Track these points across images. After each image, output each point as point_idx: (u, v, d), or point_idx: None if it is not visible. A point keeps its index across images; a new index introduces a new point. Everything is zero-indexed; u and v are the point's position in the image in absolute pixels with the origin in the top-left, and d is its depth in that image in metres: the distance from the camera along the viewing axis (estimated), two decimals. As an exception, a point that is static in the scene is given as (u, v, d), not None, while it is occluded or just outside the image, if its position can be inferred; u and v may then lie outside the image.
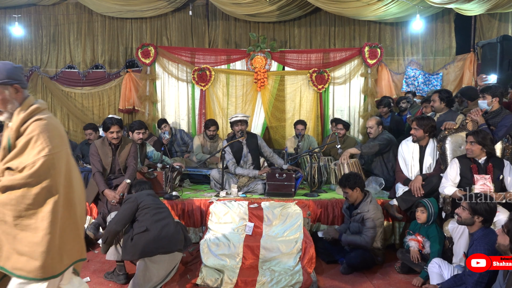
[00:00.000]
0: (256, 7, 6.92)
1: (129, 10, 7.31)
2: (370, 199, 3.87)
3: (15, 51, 7.77)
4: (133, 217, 3.29)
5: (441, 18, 7.39)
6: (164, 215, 3.34)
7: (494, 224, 3.32)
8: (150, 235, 3.14)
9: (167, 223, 3.28)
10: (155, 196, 3.58)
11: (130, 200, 3.37)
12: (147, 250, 3.10)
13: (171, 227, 3.26)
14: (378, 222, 3.80)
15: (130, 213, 3.28)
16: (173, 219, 3.43)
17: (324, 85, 6.94)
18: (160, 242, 3.13)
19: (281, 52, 7.12)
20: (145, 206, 3.29)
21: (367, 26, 7.56)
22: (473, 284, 2.68)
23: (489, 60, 6.32)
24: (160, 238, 3.15)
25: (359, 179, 3.88)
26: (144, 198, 3.38)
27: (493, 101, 3.96)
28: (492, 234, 2.82)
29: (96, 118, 7.47)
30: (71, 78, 7.69)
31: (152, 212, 3.27)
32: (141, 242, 3.12)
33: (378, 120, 5.07)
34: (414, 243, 3.63)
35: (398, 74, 7.38)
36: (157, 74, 7.09)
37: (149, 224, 3.18)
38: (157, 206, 3.36)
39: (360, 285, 3.48)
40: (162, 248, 3.13)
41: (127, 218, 3.28)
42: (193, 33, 7.72)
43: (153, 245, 3.11)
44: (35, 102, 2.04)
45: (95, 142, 4.37)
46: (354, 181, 3.84)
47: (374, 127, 4.99)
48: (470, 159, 3.63)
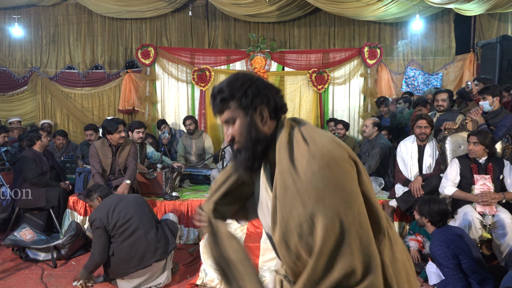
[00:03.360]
0: (256, 7, 6.92)
1: (129, 10, 7.31)
2: None
3: (14, 52, 7.77)
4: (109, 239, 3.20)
5: (441, 18, 7.39)
6: (133, 228, 3.15)
7: (494, 224, 3.32)
8: (117, 258, 3.12)
9: (138, 237, 3.13)
10: (118, 200, 3.29)
11: (96, 225, 3.16)
12: (119, 272, 3.15)
13: (142, 241, 3.13)
14: None
15: (105, 239, 3.15)
16: (149, 224, 3.24)
17: (324, 85, 6.94)
18: (130, 263, 3.10)
19: (281, 52, 7.12)
20: (112, 228, 3.15)
21: (366, 26, 7.56)
22: (451, 283, 2.82)
23: (488, 60, 6.31)
24: (130, 258, 3.10)
25: None
26: (107, 216, 3.16)
27: (494, 101, 3.97)
28: (445, 230, 2.96)
29: (96, 119, 7.47)
30: (71, 78, 7.69)
31: (120, 231, 3.13)
32: (112, 265, 3.15)
33: (376, 121, 5.03)
34: (414, 243, 3.63)
35: (398, 74, 7.38)
36: (157, 74, 7.09)
37: (115, 247, 3.14)
38: (124, 222, 3.15)
39: (360, 285, 3.47)
40: (134, 267, 3.10)
41: (106, 246, 3.16)
42: (192, 33, 7.72)
43: (124, 266, 3.11)
44: None
45: (94, 143, 4.35)
46: None
47: (369, 126, 4.96)
48: (470, 159, 3.63)
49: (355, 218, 1.08)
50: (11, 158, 5.20)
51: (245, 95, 1.20)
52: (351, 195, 1.09)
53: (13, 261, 3.91)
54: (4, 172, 4.84)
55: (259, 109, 1.22)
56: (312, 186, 1.08)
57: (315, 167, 1.09)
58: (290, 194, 1.11)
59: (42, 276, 3.58)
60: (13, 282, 3.47)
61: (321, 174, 1.08)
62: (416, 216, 3.14)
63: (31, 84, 7.63)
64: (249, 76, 1.24)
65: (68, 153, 5.89)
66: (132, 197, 3.49)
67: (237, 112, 1.23)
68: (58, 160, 5.34)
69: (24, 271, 3.71)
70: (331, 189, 1.07)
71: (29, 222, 4.33)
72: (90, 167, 4.39)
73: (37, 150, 4.59)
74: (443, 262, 2.82)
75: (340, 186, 1.08)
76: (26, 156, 4.48)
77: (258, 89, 1.21)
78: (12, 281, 3.48)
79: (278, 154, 1.18)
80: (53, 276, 3.60)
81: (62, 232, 4.33)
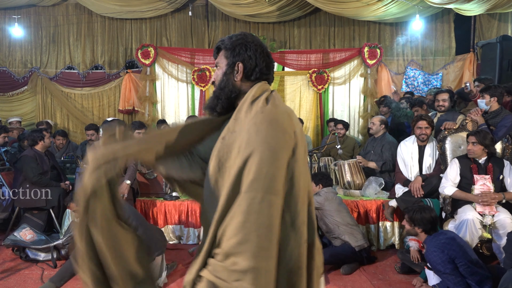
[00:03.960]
0: (256, 7, 6.92)
1: (129, 10, 7.31)
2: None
3: (14, 52, 7.77)
4: None
5: (441, 18, 7.39)
6: (133, 228, 3.20)
7: (494, 224, 3.32)
8: None
9: None
10: None
11: None
12: None
13: None
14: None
15: None
16: (144, 223, 3.27)
17: (324, 85, 6.94)
18: None
19: (281, 52, 7.12)
20: None
21: (366, 26, 7.56)
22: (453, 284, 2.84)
23: (488, 60, 6.32)
24: None
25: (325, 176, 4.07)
26: None
27: (491, 101, 3.96)
28: (437, 235, 2.99)
29: (96, 119, 7.46)
30: (71, 79, 7.69)
31: None
32: None
33: (383, 119, 5.05)
34: (414, 243, 3.63)
35: (398, 74, 7.38)
36: (157, 74, 7.09)
37: None
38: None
39: (360, 285, 3.47)
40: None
41: None
42: (192, 33, 7.72)
43: None
44: None
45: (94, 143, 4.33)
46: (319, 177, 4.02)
47: (376, 124, 4.98)
48: (470, 159, 3.63)
49: (271, 181, 1.13)
50: (11, 158, 5.20)
51: (232, 49, 1.37)
52: (277, 159, 1.15)
53: (13, 261, 3.92)
54: (4, 172, 4.84)
55: (238, 64, 1.36)
56: (248, 134, 1.18)
57: (258, 119, 1.20)
58: (232, 136, 1.24)
59: (42, 276, 3.58)
60: (13, 282, 3.47)
61: (257, 126, 1.18)
62: (407, 226, 3.16)
63: (31, 84, 7.63)
64: (249, 37, 1.39)
65: (68, 153, 5.89)
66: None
67: (223, 60, 1.39)
68: (58, 160, 5.33)
69: (24, 271, 3.71)
70: (262, 143, 1.15)
71: (29, 222, 4.32)
72: (90, 167, 4.38)
73: (38, 150, 4.60)
74: (441, 268, 2.82)
75: (272, 146, 1.15)
76: (27, 155, 4.49)
77: (246, 48, 1.36)
78: (12, 281, 3.48)
79: (239, 105, 1.31)
80: (53, 276, 3.60)
81: (62, 232, 4.33)
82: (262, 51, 1.38)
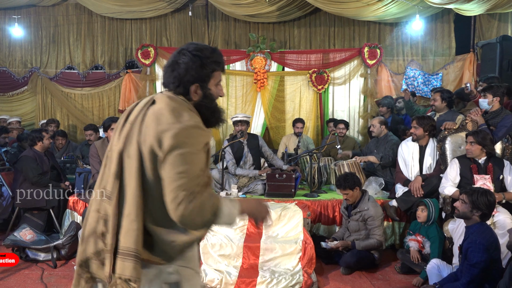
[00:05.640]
0: (256, 7, 6.92)
1: (129, 11, 7.31)
2: (368, 197, 3.88)
3: (14, 52, 7.77)
4: None
5: (441, 18, 7.38)
6: None
7: (494, 224, 3.32)
8: None
9: None
10: None
11: None
12: None
13: None
14: (380, 219, 3.83)
15: None
16: None
17: (324, 85, 6.94)
18: None
19: (281, 52, 7.12)
20: None
21: (366, 26, 7.55)
22: (466, 282, 2.72)
23: (488, 60, 6.31)
24: None
25: (356, 178, 3.88)
26: None
27: (494, 101, 3.96)
28: (488, 231, 2.85)
29: (96, 119, 7.47)
30: (71, 79, 7.70)
31: None
32: None
33: (382, 120, 5.06)
34: (414, 243, 3.63)
35: (398, 74, 7.38)
36: (157, 74, 7.09)
37: None
38: None
39: (360, 285, 3.47)
40: None
41: None
42: (192, 33, 7.72)
43: None
44: None
45: (95, 143, 4.34)
46: (353, 181, 3.83)
47: (376, 126, 4.99)
48: (470, 159, 3.63)
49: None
50: (11, 158, 5.20)
51: None
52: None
53: (13, 261, 3.92)
54: (4, 172, 4.84)
55: None
56: None
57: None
58: None
59: (42, 276, 3.59)
60: (13, 282, 3.47)
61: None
62: (462, 208, 2.88)
63: (31, 84, 7.63)
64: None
65: (68, 153, 5.89)
66: None
67: None
68: (58, 160, 5.34)
69: (24, 271, 3.71)
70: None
71: (29, 222, 4.33)
72: (90, 167, 4.39)
73: (38, 150, 4.60)
74: (476, 261, 2.70)
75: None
76: (27, 155, 4.49)
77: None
78: (12, 281, 3.48)
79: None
80: (53, 276, 3.60)
81: (62, 232, 4.33)
82: None
